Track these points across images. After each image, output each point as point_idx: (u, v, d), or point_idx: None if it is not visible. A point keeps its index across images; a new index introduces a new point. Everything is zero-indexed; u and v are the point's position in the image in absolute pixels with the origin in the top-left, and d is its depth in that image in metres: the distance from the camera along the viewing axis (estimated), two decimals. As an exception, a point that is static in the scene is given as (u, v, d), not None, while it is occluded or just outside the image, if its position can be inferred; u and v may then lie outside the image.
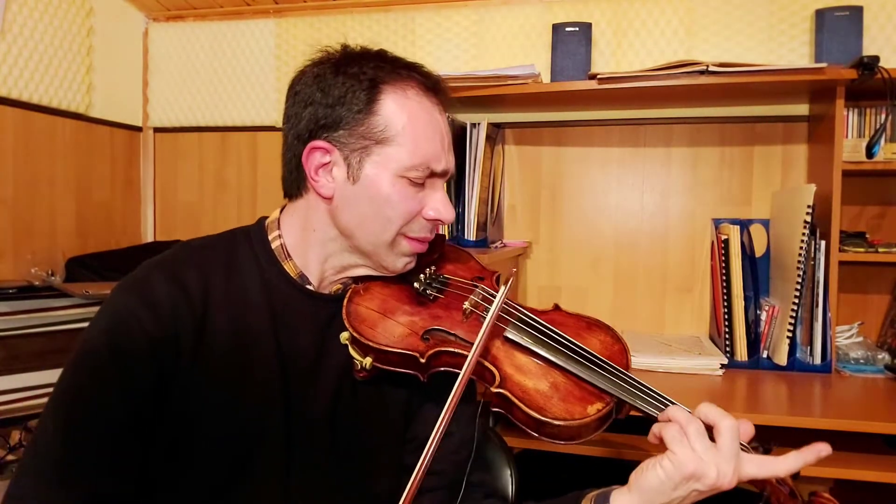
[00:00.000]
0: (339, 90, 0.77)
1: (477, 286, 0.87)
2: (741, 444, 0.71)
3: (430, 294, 0.85)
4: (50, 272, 1.73)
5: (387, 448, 0.88)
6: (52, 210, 1.89)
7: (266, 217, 0.88)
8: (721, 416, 0.69)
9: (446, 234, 1.76)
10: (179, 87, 2.26)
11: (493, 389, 0.74)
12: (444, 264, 0.92)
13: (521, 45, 2.01)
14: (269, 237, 0.85)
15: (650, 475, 0.70)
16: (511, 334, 0.80)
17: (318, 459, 0.83)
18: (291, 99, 0.82)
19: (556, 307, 0.89)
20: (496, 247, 1.88)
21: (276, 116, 2.20)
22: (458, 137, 1.74)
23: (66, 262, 1.85)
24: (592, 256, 2.02)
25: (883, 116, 1.68)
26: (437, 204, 0.81)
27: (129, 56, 2.22)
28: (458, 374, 0.73)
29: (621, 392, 0.74)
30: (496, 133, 1.94)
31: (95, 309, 0.79)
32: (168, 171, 2.31)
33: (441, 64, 2.04)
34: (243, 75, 2.21)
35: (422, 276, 0.86)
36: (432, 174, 0.80)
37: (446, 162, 0.81)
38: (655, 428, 0.72)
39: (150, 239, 2.30)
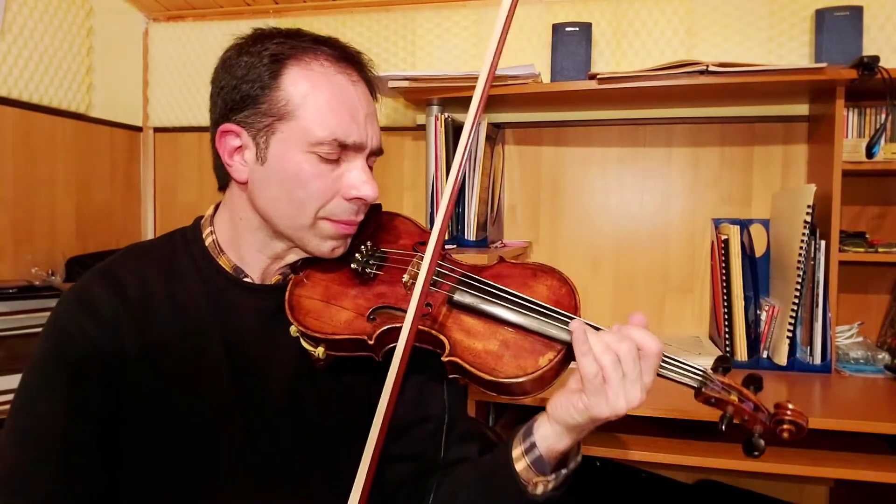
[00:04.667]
0: (242, 69, 0.75)
1: (417, 252, 0.84)
2: (720, 380, 0.71)
3: (370, 272, 0.82)
4: (50, 272, 1.73)
5: (352, 432, 0.85)
6: (52, 210, 1.89)
7: (202, 216, 0.88)
8: (618, 340, 0.67)
9: (446, 234, 1.76)
10: (179, 87, 2.26)
11: (444, 358, 0.73)
12: (382, 235, 0.88)
13: (521, 45, 2.01)
14: (203, 234, 0.85)
15: (565, 413, 0.70)
16: (457, 297, 0.77)
17: (283, 449, 0.82)
18: (211, 88, 0.80)
19: (501, 259, 0.85)
20: (496, 247, 1.88)
21: (276, 116, 2.20)
22: (458, 137, 1.73)
23: (66, 262, 1.85)
24: (592, 256, 2.02)
25: (883, 116, 1.68)
26: (355, 180, 0.76)
27: (129, 56, 2.22)
28: (415, 346, 0.70)
29: (570, 336, 0.71)
30: (496, 133, 1.94)
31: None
32: (168, 171, 2.31)
33: (441, 64, 2.04)
34: (243, 75, 2.21)
35: (357, 254, 0.82)
36: (344, 148, 0.75)
37: (359, 134, 0.75)
38: (579, 360, 0.68)
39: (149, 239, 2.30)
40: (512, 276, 0.81)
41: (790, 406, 0.70)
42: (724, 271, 1.73)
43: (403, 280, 0.80)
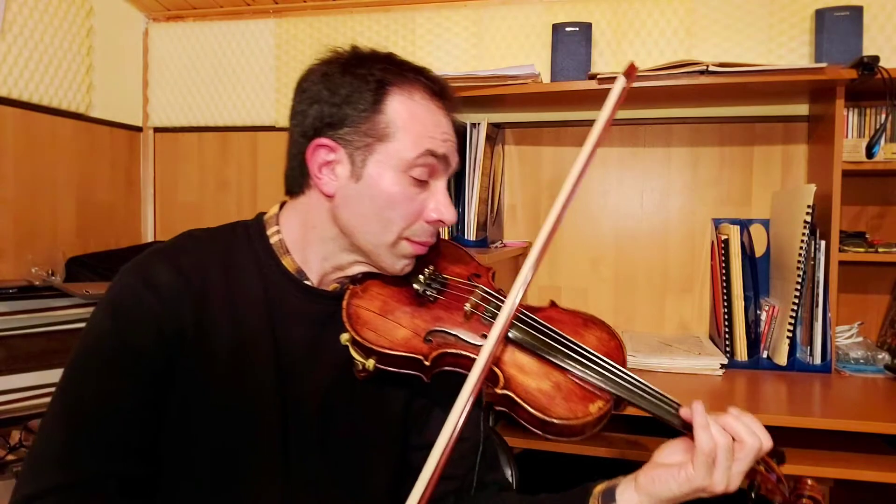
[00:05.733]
0: (346, 89, 0.78)
1: (476, 286, 0.87)
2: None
3: (430, 295, 0.85)
4: (50, 272, 1.73)
5: (383, 445, 0.88)
6: (52, 210, 1.89)
7: (264, 213, 0.88)
8: (748, 434, 0.71)
9: (446, 234, 1.76)
10: (179, 87, 2.26)
11: (499, 391, 0.75)
12: (442, 263, 0.92)
13: (521, 45, 2.01)
14: (268, 232, 0.85)
15: (663, 487, 0.72)
16: (513, 335, 0.80)
17: (314, 453, 0.83)
18: (299, 96, 0.82)
19: (553, 304, 0.89)
20: (496, 247, 1.88)
21: (276, 116, 2.20)
22: (459, 137, 1.73)
23: (66, 262, 1.85)
24: (592, 256, 2.02)
25: (883, 116, 1.68)
26: (439, 205, 0.81)
27: (129, 56, 2.22)
28: (461, 372, 0.73)
29: (620, 390, 0.75)
30: (496, 133, 1.94)
31: (96, 309, 0.80)
32: (168, 171, 2.31)
33: (441, 64, 2.05)
34: (243, 75, 2.21)
35: (421, 276, 0.85)
36: (434, 166, 0.79)
37: (449, 151, 0.81)
38: (698, 434, 0.71)
39: (150, 239, 2.30)
40: (563, 321, 0.85)
41: (809, 482, 0.74)
42: (724, 271, 1.73)
43: (465, 308, 0.82)
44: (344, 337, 0.80)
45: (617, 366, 0.78)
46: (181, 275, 0.78)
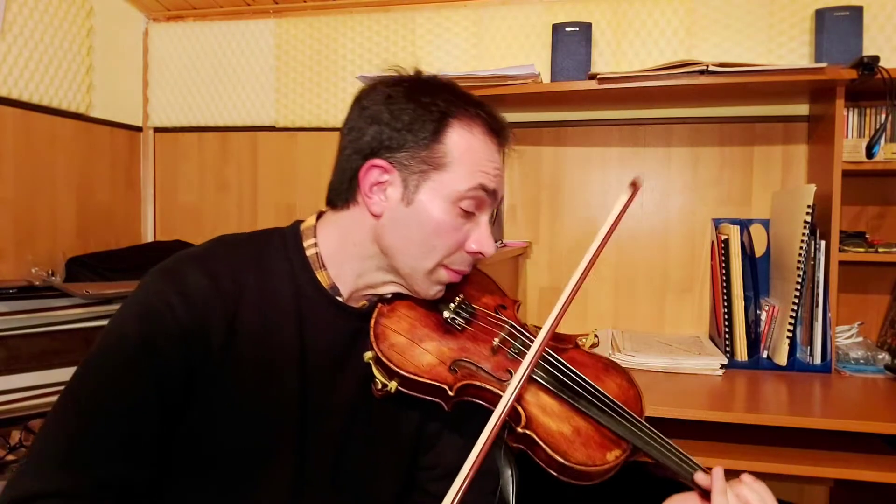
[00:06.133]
0: (409, 116, 0.79)
1: (505, 321, 0.87)
2: None
3: (459, 324, 0.85)
4: (50, 272, 1.73)
5: (393, 463, 0.89)
6: (52, 210, 1.89)
7: (301, 221, 0.88)
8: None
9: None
10: (179, 87, 2.26)
11: (520, 430, 0.75)
12: (471, 291, 0.92)
13: (521, 45, 2.01)
14: (305, 244, 0.85)
15: None
16: (538, 375, 0.80)
17: (325, 466, 0.83)
18: (357, 112, 0.83)
19: (575, 345, 0.89)
20: (496, 247, 1.87)
21: (275, 116, 2.20)
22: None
23: (66, 262, 1.85)
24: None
25: (883, 116, 1.68)
26: (481, 237, 0.82)
27: (129, 56, 2.22)
28: (481, 404, 0.74)
29: (638, 440, 0.76)
30: (496, 133, 1.94)
31: (96, 309, 0.79)
32: (168, 171, 2.31)
33: (441, 64, 2.05)
34: (243, 75, 2.21)
35: (452, 304, 0.85)
36: (482, 200, 0.81)
37: (499, 186, 0.83)
38: (716, 500, 0.74)
39: (150, 239, 2.30)
40: (586, 364, 0.86)
41: None
42: (724, 271, 1.73)
43: (493, 343, 0.83)
44: (368, 355, 0.80)
45: (635, 415, 0.79)
46: (213, 281, 0.77)
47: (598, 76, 1.64)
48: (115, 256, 1.99)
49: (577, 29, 1.80)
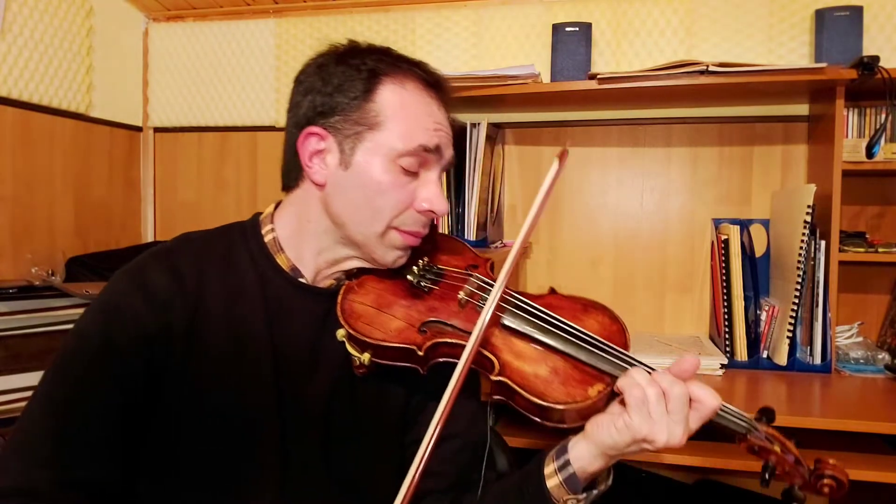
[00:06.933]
0: (339, 78, 0.78)
1: (471, 275, 0.86)
2: (726, 411, 0.73)
3: (425, 286, 0.84)
4: (50, 272, 1.73)
5: (384, 445, 0.87)
6: (51, 210, 1.89)
7: (260, 213, 0.89)
8: (671, 383, 0.71)
9: (446, 230, 1.76)
10: (179, 87, 2.26)
11: (493, 378, 0.74)
12: (438, 254, 0.91)
13: (521, 45, 2.01)
14: (262, 231, 0.85)
15: (604, 432, 0.72)
16: (508, 321, 0.79)
17: (313, 454, 0.82)
18: (295, 88, 0.83)
19: (552, 291, 0.88)
20: (496, 247, 1.88)
21: (275, 116, 2.20)
22: (458, 137, 1.73)
23: (66, 262, 1.85)
24: (592, 256, 2.02)
25: (883, 116, 1.68)
26: (430, 195, 0.80)
27: (129, 56, 2.22)
28: (457, 363, 0.72)
29: (621, 372, 0.74)
30: (496, 133, 1.94)
31: (96, 309, 0.79)
32: (168, 170, 2.31)
33: (441, 64, 2.04)
34: (243, 75, 2.21)
35: (415, 267, 0.84)
36: (425, 158, 0.79)
37: (442, 141, 0.80)
38: (621, 383, 0.72)
39: (150, 239, 2.30)
40: (563, 307, 0.84)
41: (831, 461, 0.71)
42: (724, 271, 1.73)
43: (459, 297, 0.81)
44: (340, 332, 0.79)
45: (618, 348, 0.76)
46: (175, 276, 0.78)
47: (598, 76, 1.64)
48: (114, 256, 1.99)
49: (577, 29, 1.80)
